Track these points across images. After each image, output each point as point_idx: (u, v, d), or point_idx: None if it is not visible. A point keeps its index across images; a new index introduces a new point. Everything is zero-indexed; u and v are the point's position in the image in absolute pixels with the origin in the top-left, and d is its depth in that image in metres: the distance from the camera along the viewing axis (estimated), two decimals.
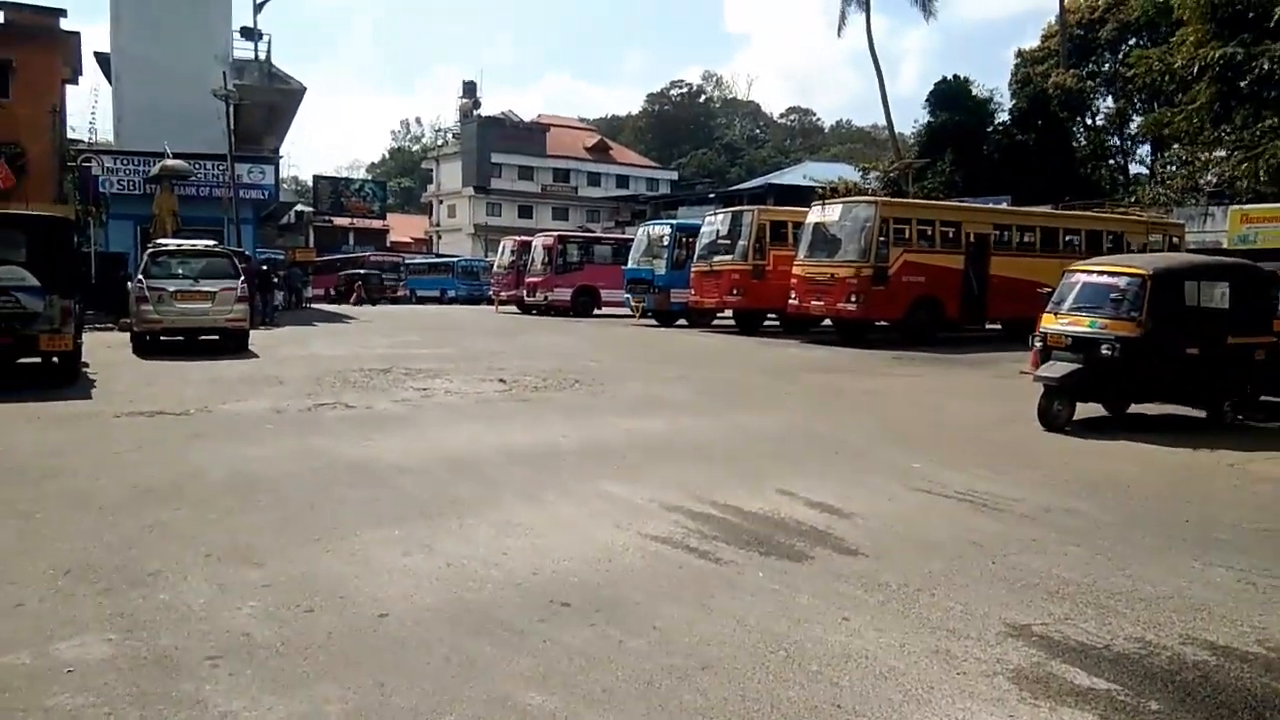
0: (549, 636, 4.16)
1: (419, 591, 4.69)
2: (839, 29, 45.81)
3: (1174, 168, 41.14)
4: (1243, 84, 14.23)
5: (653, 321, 26.09)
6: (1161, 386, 10.54)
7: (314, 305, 37.51)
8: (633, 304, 26.57)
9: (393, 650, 3.99)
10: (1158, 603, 4.77)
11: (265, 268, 27.33)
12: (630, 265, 26.84)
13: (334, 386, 11.96)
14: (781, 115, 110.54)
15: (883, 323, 20.05)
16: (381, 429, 9.24)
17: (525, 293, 30.94)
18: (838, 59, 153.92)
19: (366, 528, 5.77)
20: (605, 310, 29.80)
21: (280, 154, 36.13)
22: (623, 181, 75.35)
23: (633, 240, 28.65)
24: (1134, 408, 11.06)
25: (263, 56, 31.49)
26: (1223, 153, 27.42)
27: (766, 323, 23.77)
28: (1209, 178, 35.23)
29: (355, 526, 5.79)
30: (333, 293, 43.03)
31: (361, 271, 43.83)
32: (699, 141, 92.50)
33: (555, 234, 33.08)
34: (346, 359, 15.14)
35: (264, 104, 31.64)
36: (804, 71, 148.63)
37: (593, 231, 46.18)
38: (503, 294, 33.85)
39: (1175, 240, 23.78)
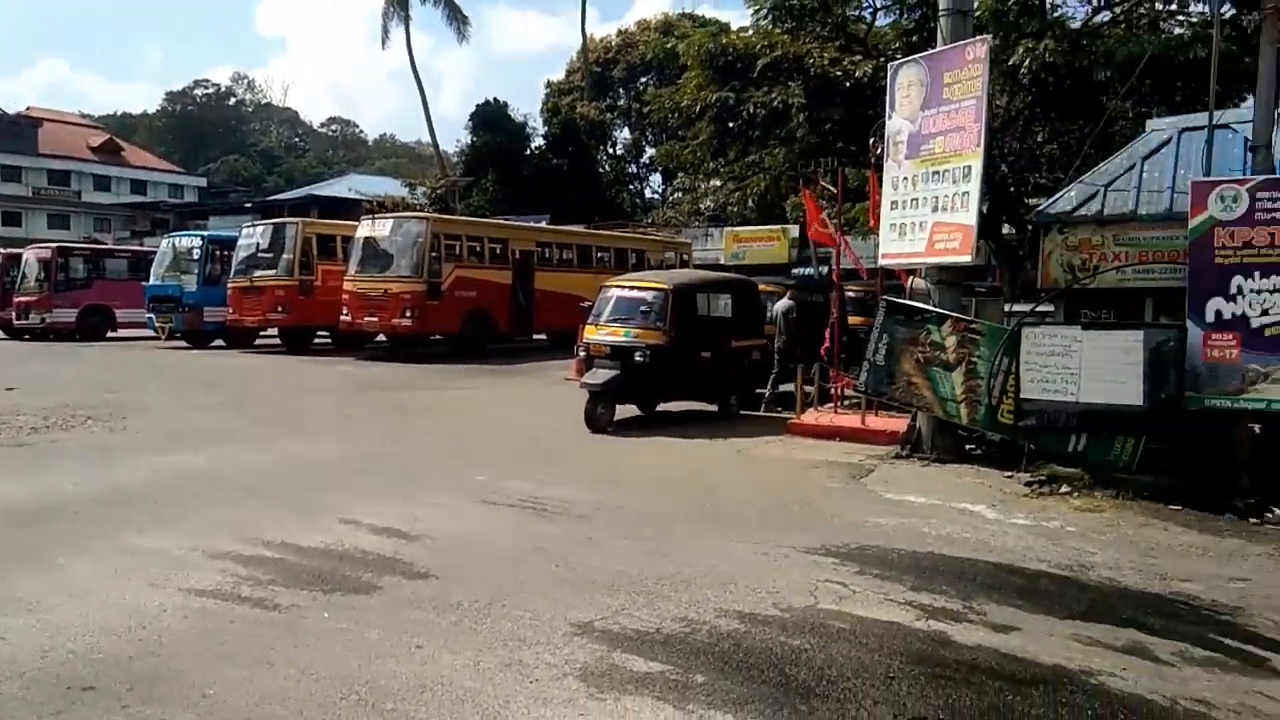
0: None
1: None
2: (382, 41, 45.56)
3: (681, 194, 47.17)
4: (733, 124, 16.68)
5: (184, 343, 23.50)
6: (684, 387, 11.99)
7: None
8: (158, 324, 23.70)
9: None
10: (695, 582, 5.35)
11: None
12: (153, 281, 23.90)
13: None
14: (322, 125, 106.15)
15: (438, 337, 20.26)
16: None
17: (15, 314, 26.01)
18: (381, 72, 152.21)
19: None
20: (124, 332, 26.14)
21: None
22: (139, 187, 66.79)
23: (155, 253, 25.56)
24: (661, 406, 12.40)
25: None
26: (718, 182, 31.98)
27: (317, 341, 22.69)
28: (708, 203, 41.00)
29: None
30: None
31: None
32: (230, 147, 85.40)
33: (54, 245, 28.22)
34: None
35: None
36: (345, 82, 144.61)
37: (103, 243, 40.22)
38: None
39: (685, 258, 27.31)
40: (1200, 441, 8.07)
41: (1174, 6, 14.69)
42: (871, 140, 11.13)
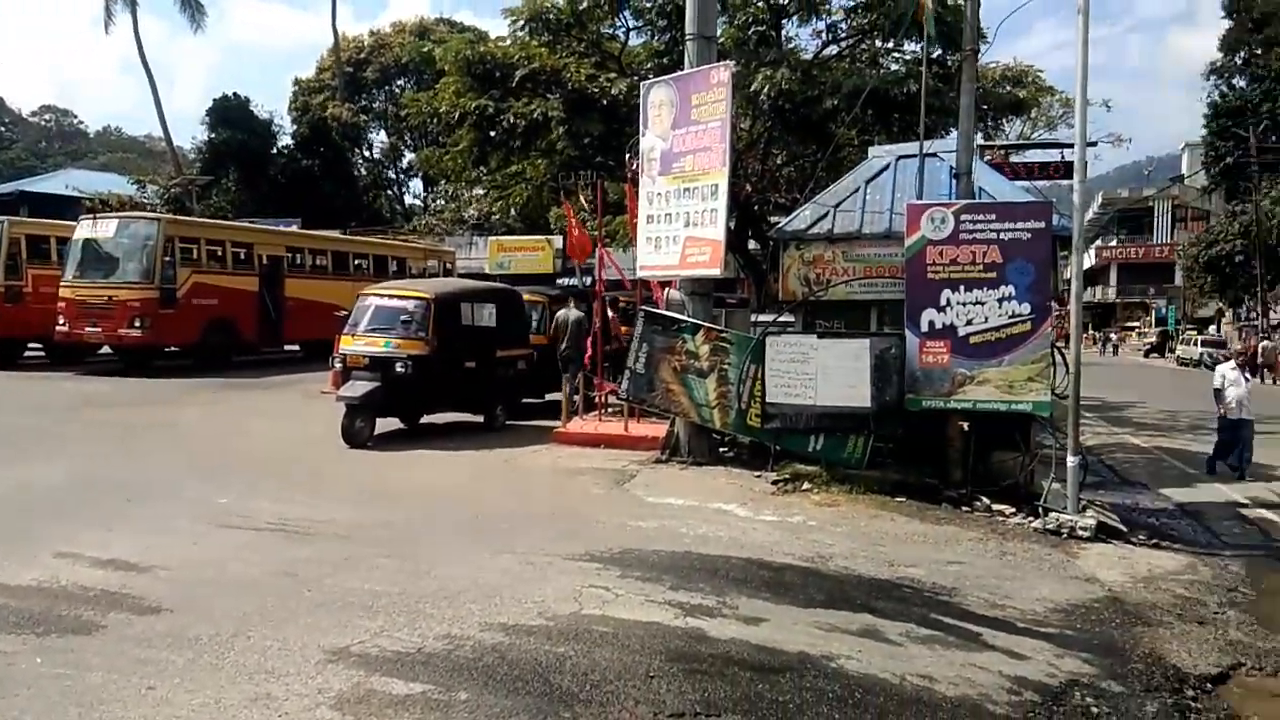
0: None
1: None
2: (105, 25, 41.32)
3: (443, 201, 46.35)
4: (494, 133, 16.56)
5: None
6: (448, 397, 11.77)
7: None
8: None
9: None
10: (459, 597, 5.26)
11: None
12: None
13: None
14: (34, 113, 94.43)
15: (174, 348, 18.66)
16: None
17: None
18: (105, 59, 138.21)
19: None
20: None
21: None
22: None
23: None
24: (426, 418, 12.10)
25: None
26: (481, 191, 31.72)
27: (28, 354, 20.13)
28: (472, 212, 40.55)
29: None
30: None
31: None
32: None
33: None
34: None
35: None
36: (61, 67, 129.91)
37: None
38: None
39: (449, 266, 26.87)
40: (920, 439, 8.98)
41: (891, 45, 16.22)
42: (628, 155, 11.46)
